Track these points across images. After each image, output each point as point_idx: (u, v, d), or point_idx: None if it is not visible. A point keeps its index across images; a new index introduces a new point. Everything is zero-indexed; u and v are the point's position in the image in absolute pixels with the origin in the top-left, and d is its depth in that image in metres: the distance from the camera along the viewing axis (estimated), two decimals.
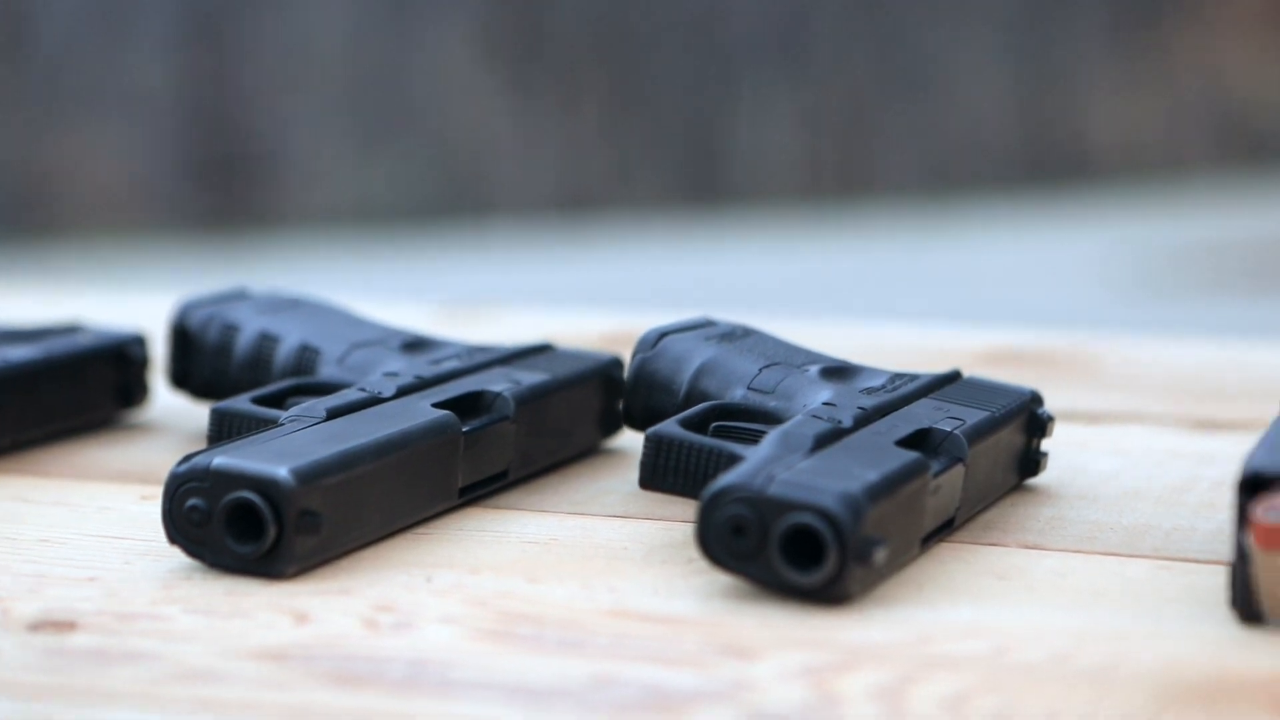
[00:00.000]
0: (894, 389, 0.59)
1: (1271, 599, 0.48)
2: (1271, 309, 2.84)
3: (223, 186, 3.38)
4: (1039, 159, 3.44)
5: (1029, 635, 0.48)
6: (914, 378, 0.61)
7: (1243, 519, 0.48)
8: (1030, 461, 0.61)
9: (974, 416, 0.58)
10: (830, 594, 0.50)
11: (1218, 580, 0.51)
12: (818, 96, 3.38)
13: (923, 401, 0.59)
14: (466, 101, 3.36)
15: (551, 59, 3.38)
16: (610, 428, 0.65)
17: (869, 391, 0.59)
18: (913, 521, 0.53)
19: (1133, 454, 0.66)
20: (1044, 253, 3.24)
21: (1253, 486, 0.48)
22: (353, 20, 3.32)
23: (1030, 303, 2.96)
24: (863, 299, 2.96)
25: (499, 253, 3.28)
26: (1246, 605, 0.49)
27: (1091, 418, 0.71)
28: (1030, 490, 0.61)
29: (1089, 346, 0.83)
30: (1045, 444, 0.61)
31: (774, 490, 0.50)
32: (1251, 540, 0.48)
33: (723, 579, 0.52)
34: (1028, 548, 0.56)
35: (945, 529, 0.56)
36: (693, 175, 3.41)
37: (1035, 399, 0.61)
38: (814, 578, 0.50)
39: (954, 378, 0.62)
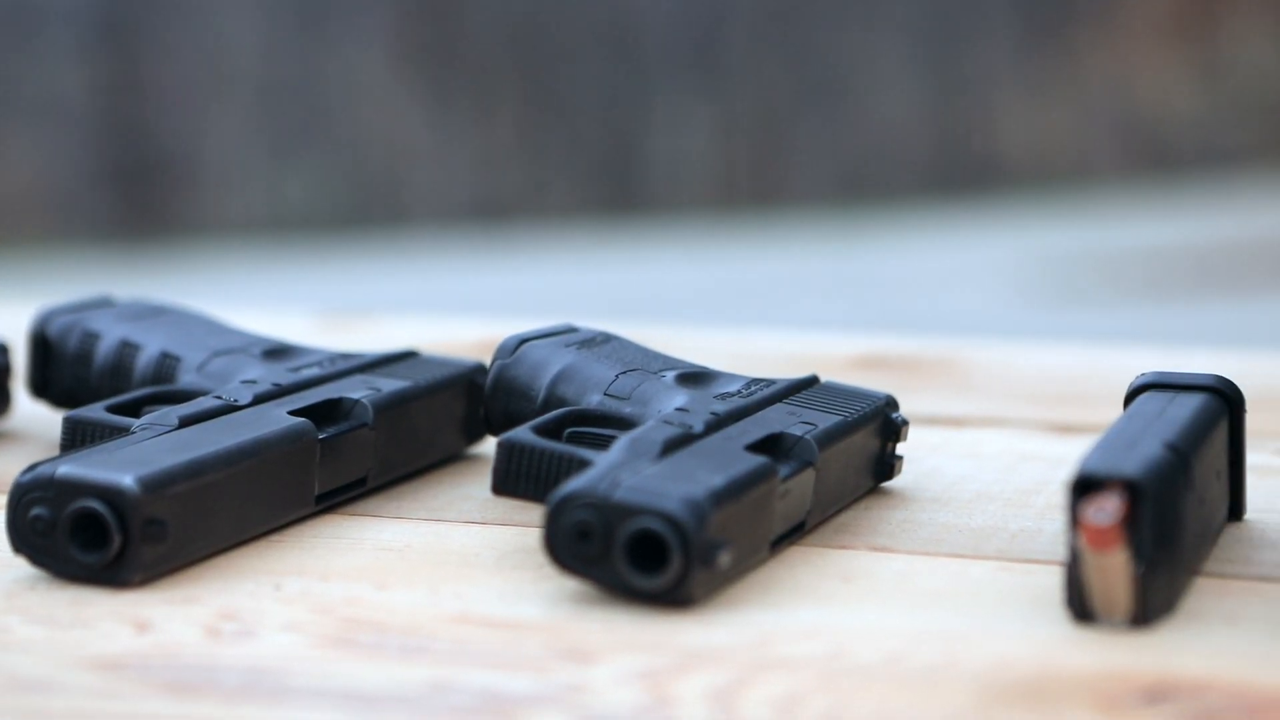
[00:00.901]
0: (749, 394, 0.60)
1: (1102, 598, 0.49)
2: (1174, 315, 2.88)
3: (135, 195, 3.36)
4: (950, 167, 3.47)
5: (866, 636, 0.49)
6: (770, 383, 0.61)
7: (1074, 520, 0.49)
8: (885, 465, 0.62)
9: (826, 421, 0.58)
10: (674, 597, 0.51)
11: (1056, 580, 0.52)
12: (732, 106, 3.40)
13: (777, 406, 0.59)
14: (382, 109, 3.35)
15: (467, 67, 3.38)
16: (474, 434, 0.66)
17: (723, 397, 0.60)
18: (760, 525, 0.54)
19: (988, 457, 0.67)
20: (956, 260, 3.27)
21: (1084, 488, 0.49)
22: (267, 27, 3.31)
23: (941, 309, 2.98)
24: (777, 306, 2.98)
25: (415, 261, 3.28)
26: (1078, 605, 0.50)
27: (953, 422, 0.72)
28: (885, 493, 0.62)
29: (957, 352, 0.84)
30: (901, 448, 0.62)
31: (619, 495, 0.50)
32: (1082, 541, 0.49)
33: (570, 584, 0.52)
34: (876, 550, 0.56)
35: (796, 532, 0.57)
36: (608, 184, 3.42)
37: (890, 403, 0.62)
38: (658, 581, 0.50)
39: (811, 383, 0.63)
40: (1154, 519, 0.49)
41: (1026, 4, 3.49)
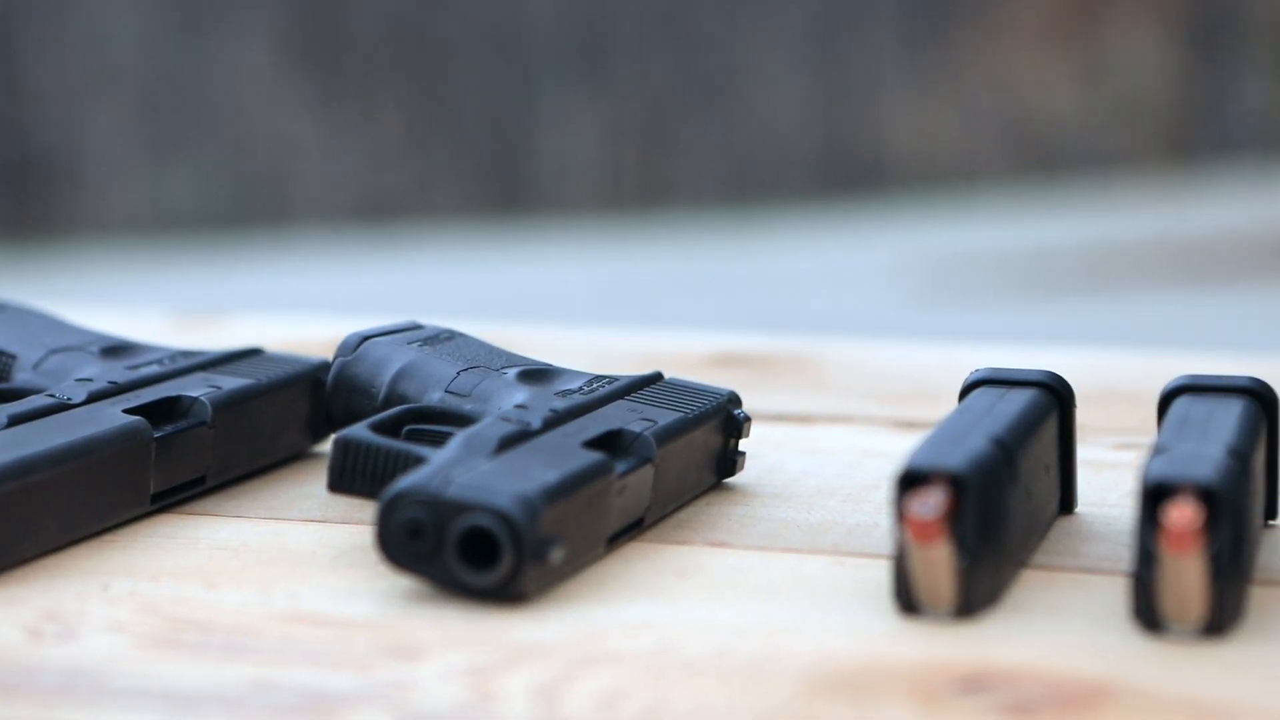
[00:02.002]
0: (590, 392, 0.60)
1: (926, 591, 0.50)
2: (1057, 315, 2.92)
3: (14, 194, 3.30)
4: (836, 168, 3.50)
5: (695, 631, 0.49)
6: (612, 380, 0.62)
7: (899, 514, 0.50)
8: (727, 462, 0.62)
9: (666, 418, 0.59)
10: (506, 594, 0.51)
11: (886, 574, 0.52)
12: (620, 105, 3.40)
13: (618, 404, 0.60)
14: (266, 108, 3.32)
15: (352, 66, 3.36)
16: (320, 432, 0.65)
17: (564, 394, 0.60)
18: (596, 521, 0.54)
19: (832, 454, 0.68)
20: (841, 260, 3.29)
21: (909, 482, 0.50)
22: (148, 24, 3.27)
23: (825, 309, 3.01)
24: (663, 307, 2.99)
25: (299, 260, 3.25)
26: (904, 597, 0.50)
27: (801, 419, 0.73)
28: (727, 489, 0.63)
29: (812, 350, 0.85)
30: (745, 445, 0.63)
31: (450, 492, 0.51)
32: (906, 534, 0.49)
33: (404, 582, 0.52)
34: (713, 546, 0.57)
35: (634, 528, 0.57)
36: (495, 183, 3.41)
37: (733, 400, 0.62)
38: (490, 578, 0.50)
39: (654, 380, 0.63)
40: (977, 512, 0.50)
41: (911, 5, 3.52)
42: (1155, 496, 0.48)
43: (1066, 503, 0.59)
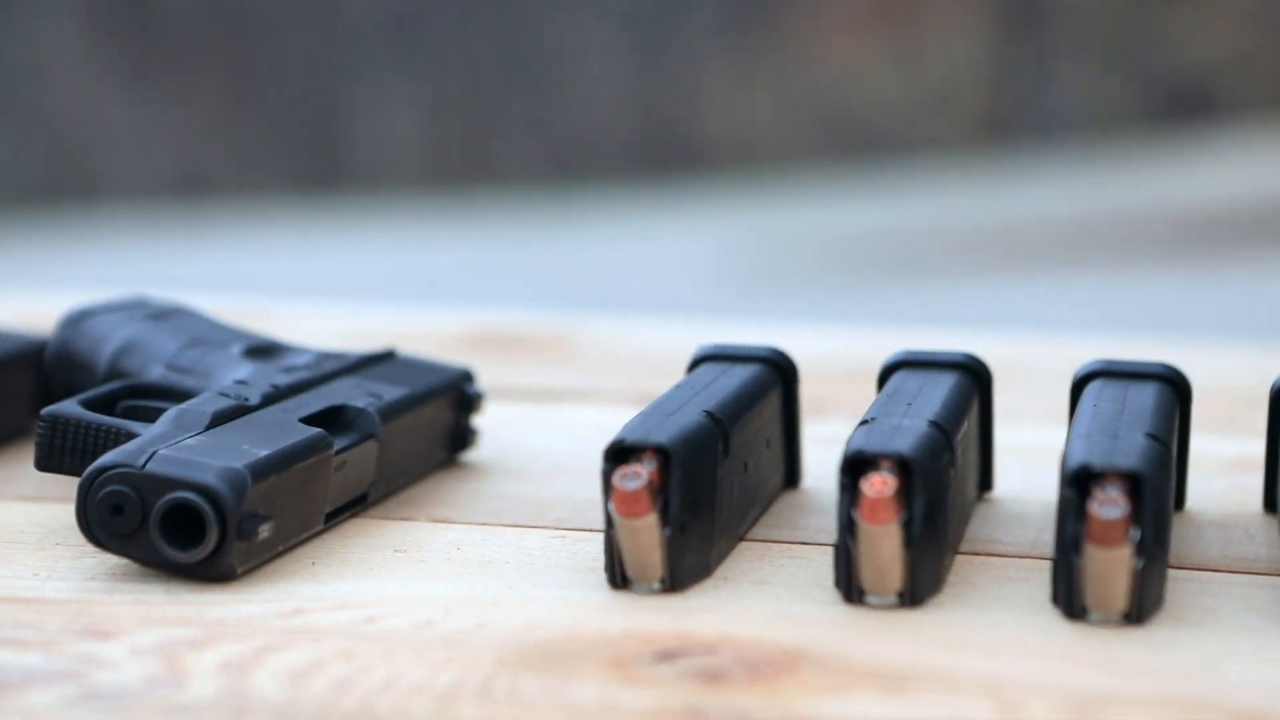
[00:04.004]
0: (317, 368, 0.60)
1: (634, 563, 0.50)
2: (869, 300, 2.96)
3: None
4: (657, 151, 3.51)
5: (402, 605, 0.49)
6: (342, 356, 0.61)
7: (607, 486, 0.50)
8: (459, 437, 0.62)
9: (393, 393, 0.58)
10: (213, 571, 0.50)
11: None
12: (438, 85, 3.38)
13: (345, 380, 0.59)
14: (74, 86, 3.25)
15: (165, 43, 3.30)
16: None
17: (289, 370, 0.59)
18: (312, 497, 0.53)
19: (574, 430, 0.68)
20: (662, 243, 3.31)
21: (619, 455, 0.50)
22: None
23: (646, 293, 3.02)
24: (483, 288, 2.97)
25: (111, 240, 3.19)
26: (614, 570, 0.51)
27: (549, 396, 0.73)
28: (463, 466, 0.62)
29: (568, 329, 0.85)
30: (486, 421, 0.63)
31: (153, 467, 0.50)
32: (613, 506, 0.49)
33: (111, 559, 0.51)
34: (436, 521, 0.57)
35: (358, 504, 0.57)
36: (312, 162, 3.37)
37: (466, 377, 0.62)
38: (194, 554, 0.50)
39: (386, 356, 0.63)
40: (684, 484, 0.50)
41: None
42: (855, 467, 0.49)
43: (791, 476, 0.60)
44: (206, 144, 3.31)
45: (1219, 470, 0.62)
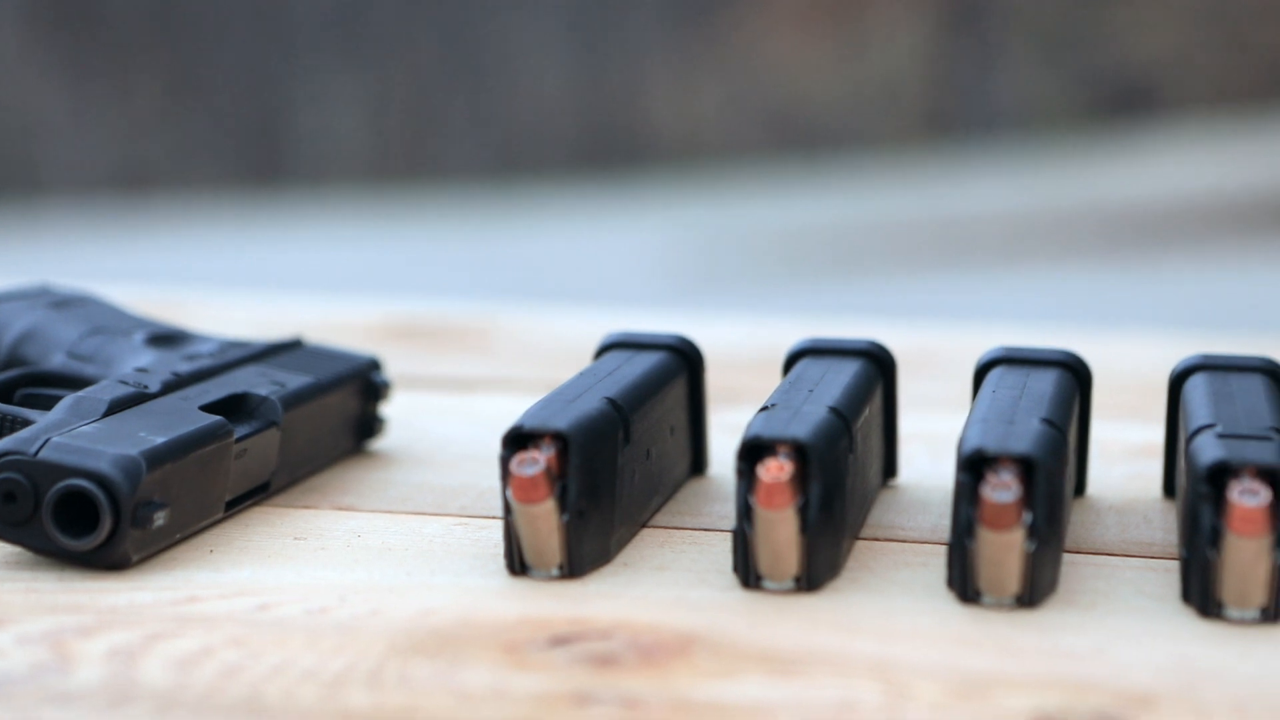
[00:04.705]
0: (220, 356, 0.59)
1: (533, 550, 0.50)
2: (813, 293, 2.97)
3: None
4: (601, 146, 3.51)
5: (298, 592, 0.49)
6: (247, 345, 0.61)
7: (505, 472, 0.50)
8: (366, 426, 0.62)
9: (296, 382, 0.58)
10: (108, 558, 0.50)
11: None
12: (382, 80, 3.37)
13: (250, 368, 0.59)
14: (15, 79, 3.22)
15: (106, 39, 3.28)
16: None
17: (192, 358, 0.59)
18: (211, 485, 0.53)
19: (484, 419, 0.68)
20: (606, 239, 3.31)
21: (518, 441, 0.50)
22: None
23: (589, 288, 3.02)
24: (425, 282, 2.97)
25: (52, 234, 3.16)
26: (513, 556, 0.51)
27: (462, 386, 0.73)
28: (370, 455, 0.62)
29: (486, 320, 0.85)
30: (398, 411, 0.62)
31: (46, 455, 0.49)
32: (510, 492, 0.49)
33: (6, 547, 0.51)
34: (340, 509, 0.56)
35: (260, 492, 0.56)
36: (256, 158, 3.36)
37: (373, 365, 0.62)
38: (88, 542, 0.49)
39: (293, 345, 0.62)
40: (582, 471, 0.50)
41: None
42: (752, 453, 0.49)
43: (698, 463, 0.60)
44: (149, 138, 3.29)
45: (1123, 457, 0.63)
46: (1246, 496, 0.46)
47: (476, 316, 0.85)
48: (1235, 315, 2.53)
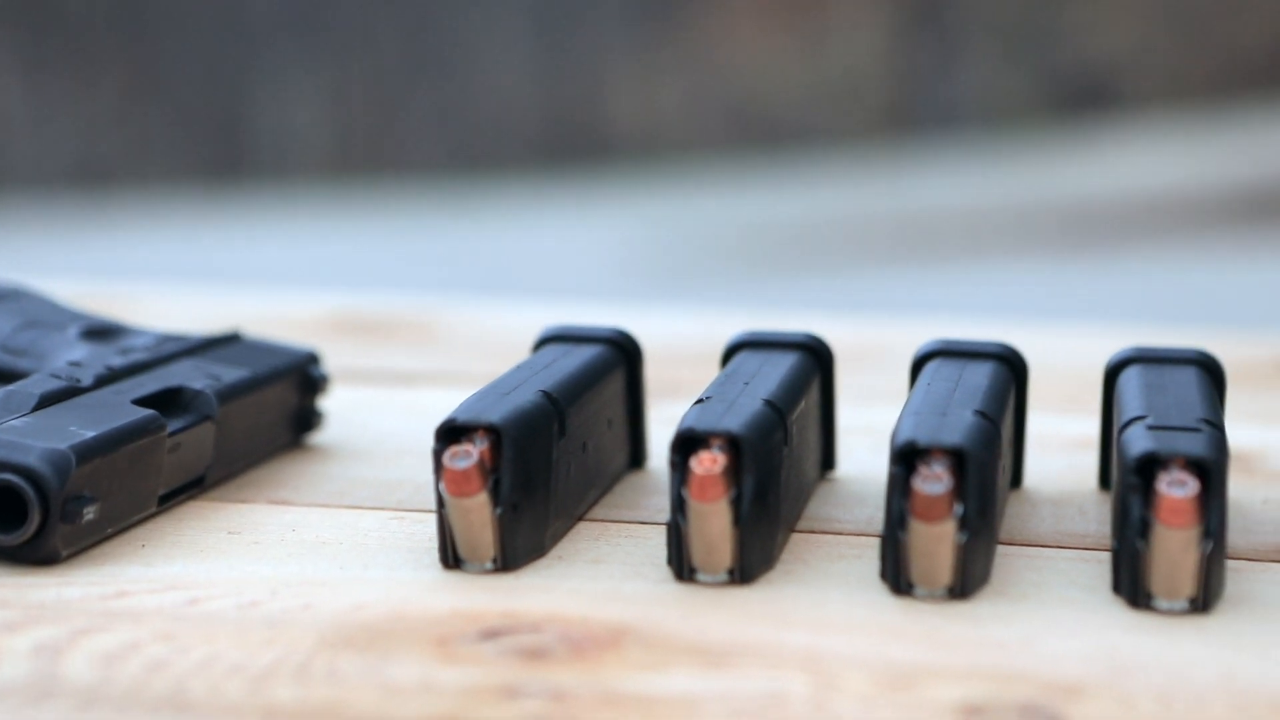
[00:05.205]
0: (156, 349, 0.59)
1: (466, 544, 0.50)
2: (772, 289, 2.97)
3: None
4: (562, 141, 3.51)
5: (229, 587, 0.49)
6: (183, 339, 0.61)
7: (438, 466, 0.50)
8: (304, 419, 0.62)
9: (232, 375, 0.58)
10: (36, 553, 0.49)
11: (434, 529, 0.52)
12: (342, 74, 3.36)
13: (185, 362, 0.59)
14: None
15: (65, 33, 3.26)
16: None
17: (126, 351, 0.58)
18: (144, 479, 0.53)
19: (425, 413, 0.67)
20: (567, 234, 3.30)
21: (452, 434, 0.50)
22: None
23: (551, 283, 3.01)
24: (385, 277, 2.96)
25: (9, 229, 3.15)
26: (445, 551, 0.50)
27: (403, 379, 0.72)
28: (308, 448, 0.62)
29: (427, 312, 0.84)
30: (337, 404, 0.62)
31: None
32: (443, 485, 0.49)
33: None
34: (275, 504, 0.56)
35: (194, 486, 0.56)
36: (215, 152, 3.34)
37: (311, 359, 0.62)
38: (16, 537, 0.49)
39: (230, 339, 0.62)
40: (516, 464, 0.50)
41: None
42: (685, 445, 0.49)
43: (637, 457, 0.60)
44: (107, 133, 3.27)
45: (1060, 449, 0.63)
46: (1175, 488, 0.46)
47: (421, 310, 0.85)
48: (1192, 310, 2.54)
